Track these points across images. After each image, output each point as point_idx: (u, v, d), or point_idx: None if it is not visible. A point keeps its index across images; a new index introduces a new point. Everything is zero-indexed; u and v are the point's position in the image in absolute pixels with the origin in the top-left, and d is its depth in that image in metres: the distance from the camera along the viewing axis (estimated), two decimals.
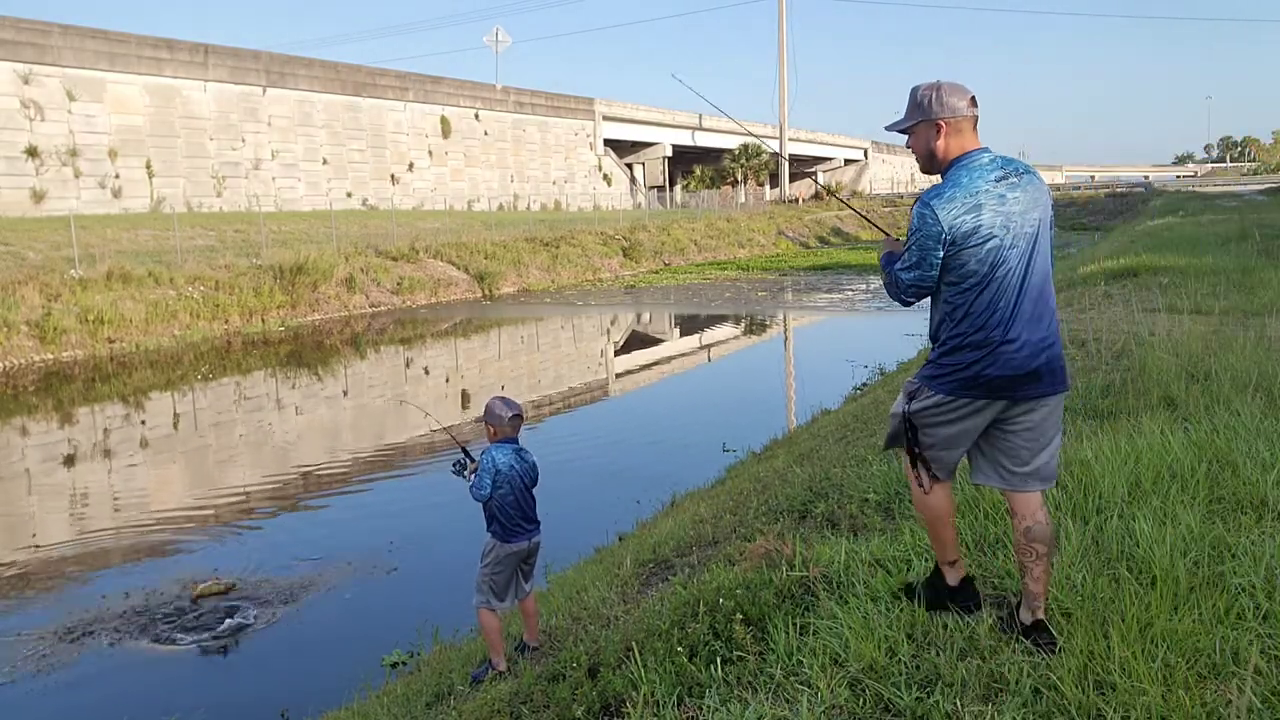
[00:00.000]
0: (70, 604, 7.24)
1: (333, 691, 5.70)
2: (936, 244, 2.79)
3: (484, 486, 4.33)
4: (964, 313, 2.82)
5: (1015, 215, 2.81)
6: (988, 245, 2.77)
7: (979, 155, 2.85)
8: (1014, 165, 2.89)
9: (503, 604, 4.50)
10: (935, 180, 2.93)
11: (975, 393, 2.82)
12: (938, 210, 2.77)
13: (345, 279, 26.62)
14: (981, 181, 2.80)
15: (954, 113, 2.85)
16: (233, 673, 6.21)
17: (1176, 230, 23.60)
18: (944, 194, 2.80)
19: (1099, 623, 2.81)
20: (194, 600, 7.16)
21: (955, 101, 2.85)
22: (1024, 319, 2.80)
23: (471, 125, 54.77)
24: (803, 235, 56.79)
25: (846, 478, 5.05)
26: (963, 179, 2.81)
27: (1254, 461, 4.08)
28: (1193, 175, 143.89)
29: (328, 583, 7.58)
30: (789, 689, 2.77)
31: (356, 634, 6.72)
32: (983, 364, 2.79)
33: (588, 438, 12.56)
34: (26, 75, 33.73)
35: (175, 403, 15.70)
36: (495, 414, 4.44)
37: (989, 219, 2.77)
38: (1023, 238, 2.82)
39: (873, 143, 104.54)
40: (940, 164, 2.90)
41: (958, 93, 2.86)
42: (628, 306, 28.11)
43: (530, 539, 4.49)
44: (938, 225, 2.77)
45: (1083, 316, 10.10)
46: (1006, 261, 2.79)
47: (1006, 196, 2.81)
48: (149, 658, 6.39)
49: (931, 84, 2.89)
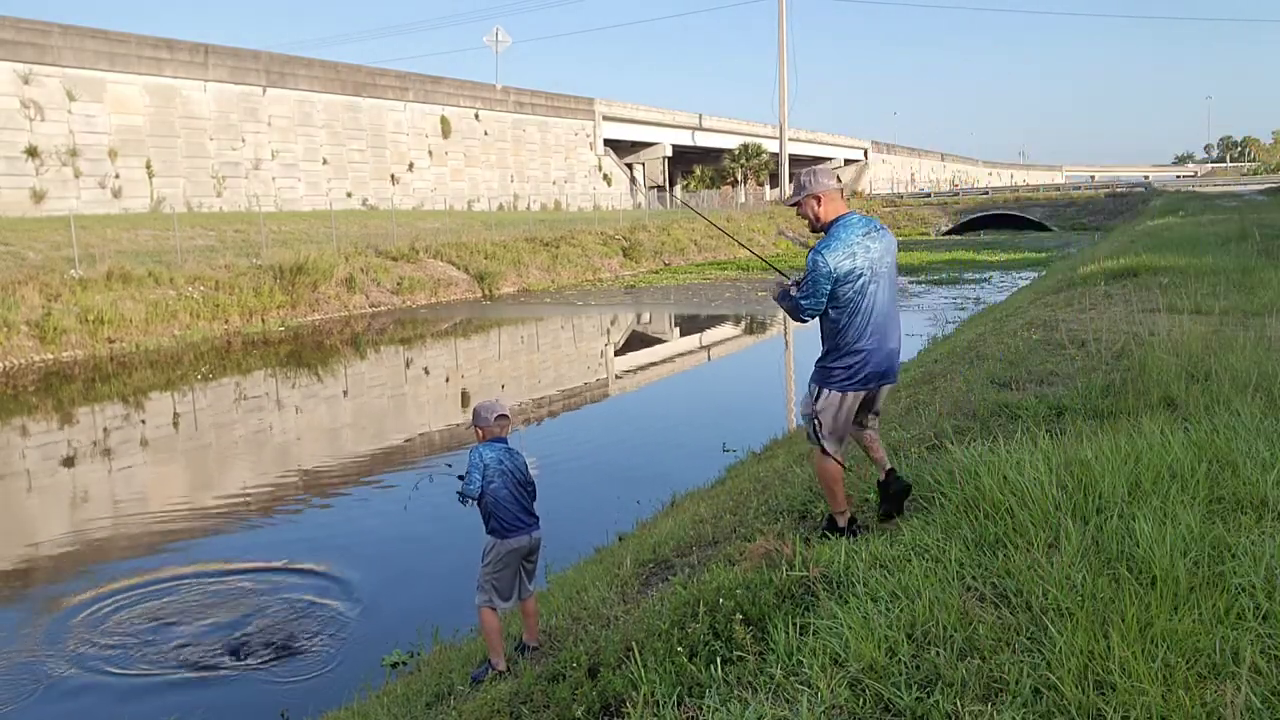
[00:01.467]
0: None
1: (333, 691, 5.71)
2: (826, 280, 3.91)
3: (474, 482, 4.43)
4: (846, 328, 3.96)
5: (876, 258, 3.96)
6: (860, 280, 3.92)
7: (850, 216, 4.01)
8: (872, 223, 4.05)
9: (506, 604, 4.53)
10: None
11: (858, 385, 4.01)
12: (827, 257, 3.90)
13: (345, 279, 26.62)
14: (853, 236, 3.95)
15: (826, 189, 4.01)
16: (233, 672, 6.20)
17: (1176, 230, 23.59)
18: (830, 246, 3.93)
19: (1099, 623, 2.81)
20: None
21: (827, 181, 4.03)
22: (884, 331, 3.99)
23: (471, 125, 54.77)
24: (803, 235, 56.69)
25: (846, 477, 5.05)
26: (841, 234, 3.95)
27: (1254, 461, 4.07)
28: (1193, 175, 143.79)
29: (328, 582, 7.58)
30: (789, 689, 2.77)
31: (357, 634, 6.72)
32: (861, 363, 3.97)
33: (588, 437, 12.56)
34: (26, 75, 33.73)
35: (175, 403, 15.70)
36: (481, 416, 4.61)
37: (860, 262, 3.92)
38: (881, 275, 3.97)
39: (873, 143, 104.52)
40: (823, 224, 4.03)
41: (827, 174, 4.06)
42: (628, 306, 28.10)
43: (530, 534, 4.54)
44: (827, 267, 3.89)
45: (1083, 316, 10.11)
46: (873, 292, 3.94)
47: (870, 246, 3.96)
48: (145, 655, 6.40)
49: (809, 169, 4.06)
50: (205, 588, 7.50)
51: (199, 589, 7.47)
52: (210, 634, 6.68)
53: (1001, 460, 4.20)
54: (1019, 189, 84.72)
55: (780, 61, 68.53)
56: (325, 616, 6.98)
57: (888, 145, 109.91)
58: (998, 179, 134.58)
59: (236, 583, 7.60)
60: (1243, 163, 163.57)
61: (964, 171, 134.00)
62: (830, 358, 4.03)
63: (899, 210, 71.56)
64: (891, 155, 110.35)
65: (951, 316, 20.90)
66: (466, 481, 4.45)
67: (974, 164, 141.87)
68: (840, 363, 4.00)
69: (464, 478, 4.55)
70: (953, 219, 68.54)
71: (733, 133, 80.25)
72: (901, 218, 69.17)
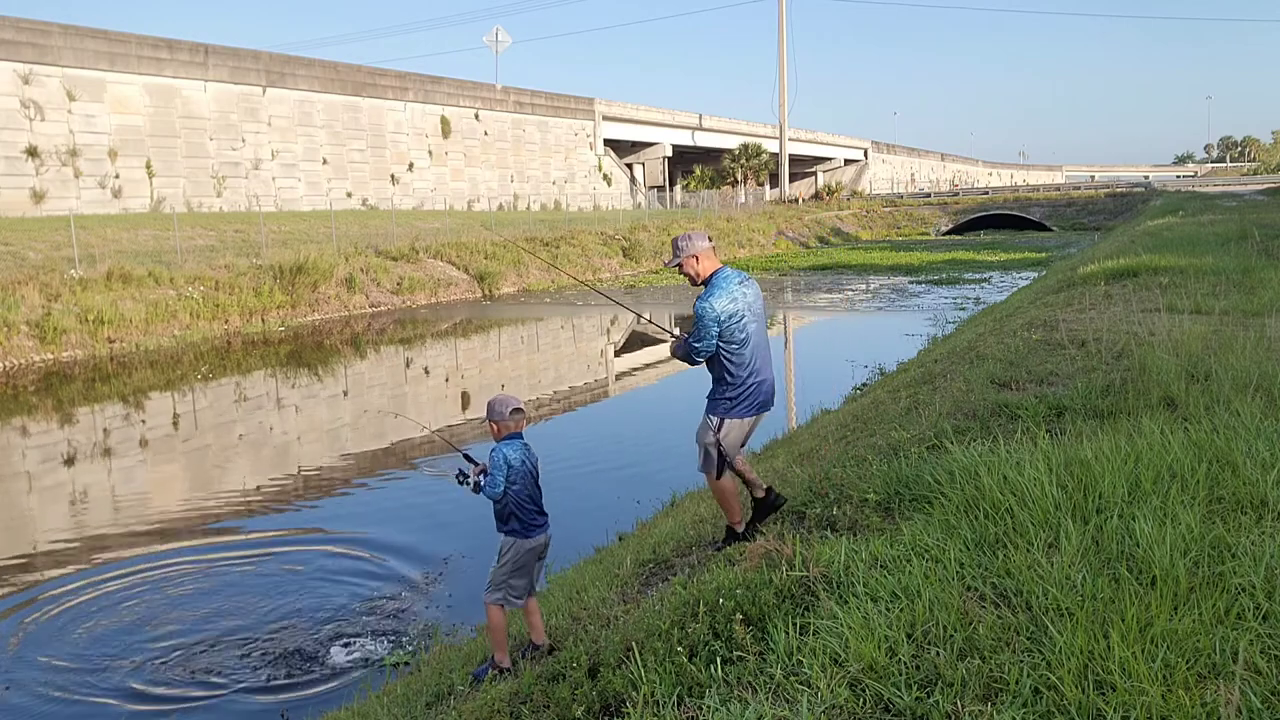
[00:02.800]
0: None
1: (333, 691, 5.71)
2: (715, 324, 4.60)
3: (498, 484, 4.34)
4: (735, 363, 4.64)
5: (751, 301, 4.73)
6: (743, 320, 4.63)
7: (725, 270, 4.75)
8: (742, 274, 4.80)
9: (520, 602, 4.50)
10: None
11: (751, 412, 4.74)
12: (713, 303, 4.60)
13: (345, 279, 26.62)
14: (731, 285, 4.67)
15: (702, 249, 4.72)
16: (233, 672, 6.20)
17: (1177, 230, 23.59)
18: (713, 294, 4.63)
19: (1099, 623, 2.81)
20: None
21: (700, 242, 4.74)
22: (765, 362, 4.78)
23: (471, 125, 54.77)
24: (803, 235, 56.78)
25: (846, 478, 5.05)
26: (721, 284, 4.65)
27: (1254, 461, 4.07)
28: (1193, 175, 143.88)
29: (327, 582, 7.58)
30: (789, 689, 2.77)
31: (357, 633, 6.72)
32: (754, 391, 4.69)
33: (588, 437, 12.56)
34: (26, 75, 33.73)
35: (175, 403, 15.70)
36: (497, 411, 4.48)
37: (740, 306, 4.63)
38: (758, 315, 4.74)
39: (873, 143, 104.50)
40: (702, 279, 4.72)
41: (700, 237, 4.78)
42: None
43: (546, 531, 4.52)
44: (715, 312, 4.58)
45: (1083, 316, 10.11)
46: (754, 330, 4.69)
47: (745, 292, 4.72)
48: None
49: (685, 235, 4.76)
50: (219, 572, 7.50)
51: (194, 574, 7.48)
52: (211, 631, 6.68)
53: (1001, 460, 4.20)
54: (1019, 189, 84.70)
55: (780, 61, 68.56)
56: (325, 615, 6.97)
57: (888, 145, 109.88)
58: (998, 179, 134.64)
59: (250, 567, 7.60)
60: (1243, 163, 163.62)
61: (964, 171, 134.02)
62: (726, 390, 4.68)
63: (899, 210, 71.53)
64: (891, 155, 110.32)
65: (951, 316, 20.90)
66: (489, 482, 4.35)
67: (974, 164, 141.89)
68: (735, 393, 4.66)
69: (461, 473, 4.50)
70: (953, 219, 68.52)
71: (733, 133, 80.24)
72: (901, 218, 69.18)
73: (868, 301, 27.04)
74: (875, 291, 29.32)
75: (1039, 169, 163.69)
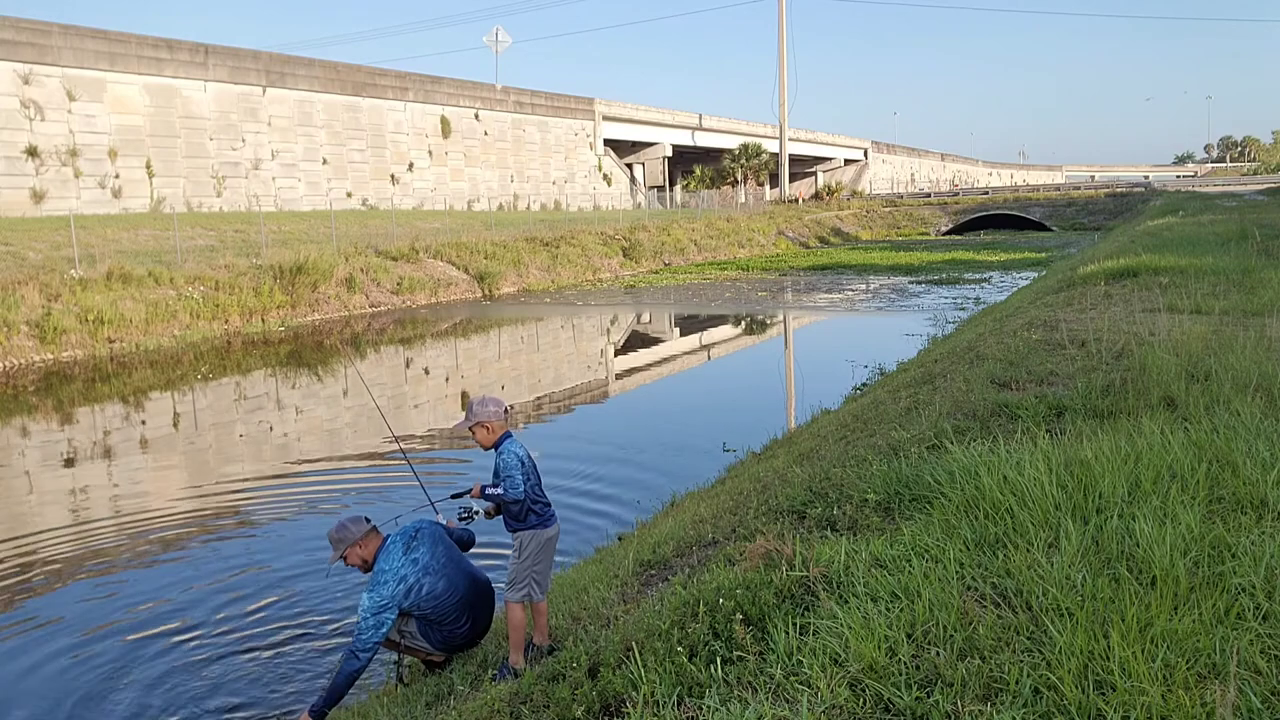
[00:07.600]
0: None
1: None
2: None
3: (518, 484, 4.56)
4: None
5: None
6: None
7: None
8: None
9: (543, 596, 4.68)
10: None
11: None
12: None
13: (345, 279, 26.62)
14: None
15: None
16: (233, 671, 6.20)
17: (1177, 230, 23.59)
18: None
19: (1099, 623, 2.81)
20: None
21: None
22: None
23: (471, 125, 54.78)
24: (803, 235, 56.80)
25: (846, 478, 5.05)
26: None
27: (1254, 461, 4.07)
28: (1193, 175, 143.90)
29: (327, 581, 7.58)
30: (789, 689, 2.77)
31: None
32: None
33: (587, 437, 12.56)
34: (26, 75, 33.74)
35: (176, 402, 15.70)
36: (491, 411, 4.69)
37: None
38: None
39: (873, 143, 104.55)
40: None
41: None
42: (628, 306, 28.11)
43: (556, 520, 4.80)
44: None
45: (1083, 316, 10.11)
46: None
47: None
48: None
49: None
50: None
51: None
52: (209, 631, 6.68)
53: (1001, 460, 4.21)
54: (1019, 189, 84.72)
55: (780, 61, 68.59)
56: (324, 615, 6.98)
57: (888, 145, 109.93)
58: (998, 179, 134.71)
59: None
60: (1243, 162, 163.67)
61: (964, 171, 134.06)
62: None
63: (899, 210, 71.55)
64: (891, 155, 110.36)
65: (951, 316, 20.91)
66: (509, 485, 4.55)
67: (974, 164, 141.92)
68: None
69: (468, 512, 4.79)
70: (953, 219, 68.54)
71: (733, 133, 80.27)
72: (901, 218, 69.19)
73: (868, 301, 27.04)
74: (875, 291, 29.32)
75: (1039, 169, 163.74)
